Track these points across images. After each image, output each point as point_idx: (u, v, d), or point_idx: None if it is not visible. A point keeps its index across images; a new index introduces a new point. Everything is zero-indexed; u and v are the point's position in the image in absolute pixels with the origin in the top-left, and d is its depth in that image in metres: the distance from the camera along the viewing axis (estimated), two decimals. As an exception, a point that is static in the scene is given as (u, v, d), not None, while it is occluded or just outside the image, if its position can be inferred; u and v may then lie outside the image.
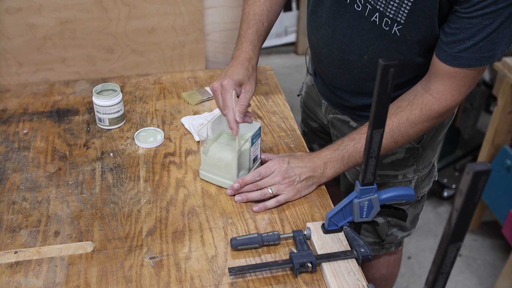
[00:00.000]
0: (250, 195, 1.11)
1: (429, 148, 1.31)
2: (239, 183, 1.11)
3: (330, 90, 1.32)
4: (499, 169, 2.10)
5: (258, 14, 1.25)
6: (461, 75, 1.04)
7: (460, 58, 1.02)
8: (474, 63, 1.01)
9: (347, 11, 1.12)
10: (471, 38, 0.99)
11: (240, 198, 1.12)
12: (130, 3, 1.46)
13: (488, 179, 0.58)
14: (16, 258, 0.99)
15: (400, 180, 1.32)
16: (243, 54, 1.20)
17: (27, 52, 1.47)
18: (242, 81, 1.13)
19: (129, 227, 1.06)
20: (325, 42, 1.21)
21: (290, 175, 1.11)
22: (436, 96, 1.07)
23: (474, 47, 0.99)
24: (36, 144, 1.28)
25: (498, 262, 2.25)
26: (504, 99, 2.05)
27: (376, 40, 1.11)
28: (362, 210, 1.00)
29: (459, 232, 0.64)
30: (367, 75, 1.18)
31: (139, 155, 1.25)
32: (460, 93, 1.07)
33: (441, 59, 1.04)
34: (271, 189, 1.10)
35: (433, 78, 1.08)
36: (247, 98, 1.12)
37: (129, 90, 1.50)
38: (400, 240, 1.46)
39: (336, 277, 0.94)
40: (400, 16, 1.04)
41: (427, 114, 1.09)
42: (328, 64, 1.25)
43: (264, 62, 3.65)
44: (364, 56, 1.15)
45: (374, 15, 1.08)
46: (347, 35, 1.15)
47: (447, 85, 1.06)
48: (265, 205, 1.10)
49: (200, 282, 0.95)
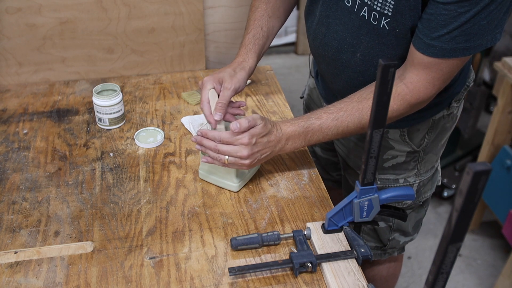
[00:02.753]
0: (208, 152, 1.10)
1: (431, 152, 1.29)
2: (201, 132, 1.09)
3: (329, 91, 1.32)
4: (499, 169, 2.10)
5: (258, 19, 1.28)
6: (435, 66, 1.03)
7: (433, 46, 1.00)
8: (447, 53, 1.00)
9: (339, 8, 1.13)
10: (445, 26, 0.97)
11: (199, 147, 1.11)
12: (130, 3, 1.46)
13: (488, 179, 0.58)
14: (16, 258, 0.99)
15: (401, 184, 1.31)
16: (237, 58, 1.23)
17: (27, 52, 1.47)
18: (223, 78, 1.15)
19: (129, 227, 1.06)
20: (320, 42, 1.21)
21: (253, 152, 1.08)
22: (410, 86, 1.06)
23: (448, 36, 0.98)
24: (36, 144, 1.28)
25: (498, 262, 2.25)
26: (504, 99, 2.05)
27: (366, 36, 1.11)
28: (362, 210, 1.00)
29: (459, 232, 0.64)
30: (361, 75, 1.17)
31: (139, 155, 1.25)
32: (434, 86, 1.06)
33: (416, 47, 1.03)
34: (228, 157, 1.08)
35: (409, 67, 1.07)
36: (225, 95, 1.13)
37: (129, 90, 1.50)
38: (402, 245, 1.44)
39: (336, 277, 0.94)
40: (387, 8, 1.03)
41: (399, 103, 1.07)
42: (325, 65, 1.25)
43: (264, 62, 3.65)
44: (357, 54, 1.14)
45: (362, 9, 1.08)
46: (339, 33, 1.15)
47: (422, 76, 1.05)
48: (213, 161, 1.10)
49: (200, 282, 0.95)
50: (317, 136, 1.12)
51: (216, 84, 1.14)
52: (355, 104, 1.09)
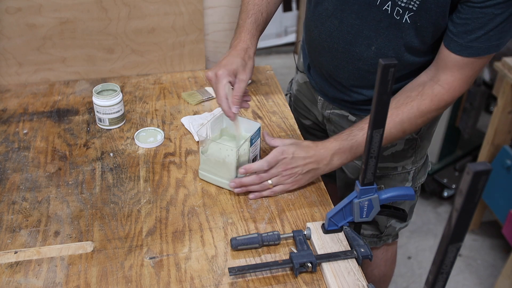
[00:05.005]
0: (252, 188, 1.12)
1: (425, 139, 1.33)
2: (245, 168, 1.10)
3: (328, 84, 1.31)
4: (499, 169, 2.10)
5: (258, 4, 1.26)
6: (470, 65, 1.07)
7: (470, 48, 1.04)
8: (483, 52, 1.04)
9: (356, 2, 1.12)
10: (482, 27, 1.01)
11: (240, 190, 1.12)
12: (130, 3, 1.46)
13: (488, 179, 0.58)
14: (16, 258, 0.99)
15: (399, 171, 1.33)
16: (240, 44, 1.20)
17: (27, 52, 1.47)
18: (237, 70, 1.13)
19: (129, 227, 1.06)
20: (329, 35, 1.20)
21: (293, 166, 1.11)
22: (446, 86, 1.09)
23: (485, 37, 1.01)
24: (36, 144, 1.28)
25: (498, 262, 2.25)
26: (504, 99, 2.05)
27: (385, 30, 1.11)
28: (362, 210, 1.00)
29: (459, 232, 0.64)
30: (372, 67, 1.18)
31: (139, 155, 1.25)
32: (467, 83, 1.10)
33: (452, 50, 1.06)
34: (271, 180, 1.11)
35: (442, 69, 1.09)
36: (241, 87, 1.12)
37: (129, 90, 1.50)
38: (397, 231, 1.47)
39: (336, 277, 0.94)
40: (413, 4, 1.05)
41: (437, 104, 1.10)
42: (330, 58, 1.24)
43: (264, 62, 3.65)
44: (372, 47, 1.15)
45: (386, 3, 1.08)
46: (355, 26, 1.15)
47: (456, 75, 1.08)
48: (261, 194, 1.12)
49: (200, 282, 0.95)
50: (362, 147, 1.12)
51: (231, 77, 1.12)
52: (394, 111, 1.11)
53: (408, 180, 1.35)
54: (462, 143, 2.69)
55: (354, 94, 1.26)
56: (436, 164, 2.58)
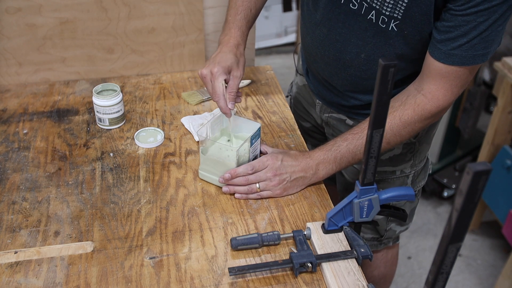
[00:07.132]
0: (238, 189, 1.12)
1: (424, 142, 1.32)
2: (230, 173, 1.11)
3: (325, 89, 1.32)
4: (499, 169, 2.10)
5: (247, 0, 1.26)
6: (453, 74, 1.04)
7: (453, 55, 1.02)
8: (467, 61, 1.02)
9: (342, 11, 1.12)
10: (465, 35, 0.99)
11: (228, 189, 1.13)
12: (130, 3, 1.46)
13: (488, 179, 0.58)
14: (16, 258, 0.99)
15: (398, 175, 1.33)
16: (231, 40, 1.21)
17: (27, 52, 1.47)
18: (231, 67, 1.14)
19: (129, 227, 1.06)
20: (320, 43, 1.21)
21: (282, 173, 1.12)
22: (429, 96, 1.08)
23: (468, 44, 1.00)
24: (36, 144, 1.28)
25: (498, 262, 2.25)
26: (504, 99, 2.05)
27: (373, 38, 1.11)
28: (362, 210, 1.00)
29: (459, 232, 0.64)
30: (364, 73, 1.18)
31: (139, 155, 1.25)
32: (452, 93, 1.07)
33: (435, 57, 1.04)
34: (259, 184, 1.11)
35: (426, 78, 1.08)
36: (236, 84, 1.14)
37: (129, 90, 1.50)
38: (398, 234, 1.47)
39: (336, 277, 0.94)
40: (397, 12, 1.04)
41: (420, 114, 1.09)
42: (323, 64, 1.25)
43: (264, 62, 3.66)
44: (361, 55, 1.15)
45: (370, 13, 1.08)
46: (343, 35, 1.15)
47: (440, 85, 1.06)
48: (247, 196, 1.12)
49: (200, 282, 0.95)
50: (347, 158, 1.13)
51: (226, 74, 1.13)
52: None
53: (407, 183, 1.35)
54: (462, 143, 2.69)
55: (350, 99, 1.27)
56: (436, 164, 2.58)
